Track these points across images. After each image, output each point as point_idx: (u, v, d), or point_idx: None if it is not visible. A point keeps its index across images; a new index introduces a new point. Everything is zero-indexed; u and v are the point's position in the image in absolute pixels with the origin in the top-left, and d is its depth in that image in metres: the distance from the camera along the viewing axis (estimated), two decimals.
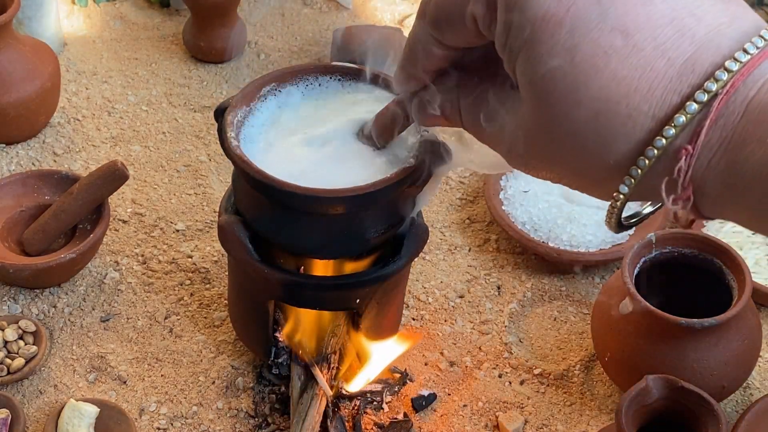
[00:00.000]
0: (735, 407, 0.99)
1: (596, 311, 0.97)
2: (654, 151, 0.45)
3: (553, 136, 0.47)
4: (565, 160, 0.48)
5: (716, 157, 0.44)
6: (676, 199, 0.45)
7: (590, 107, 0.45)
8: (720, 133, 0.44)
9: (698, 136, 0.44)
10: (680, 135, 0.44)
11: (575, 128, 0.46)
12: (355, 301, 0.88)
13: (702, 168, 0.44)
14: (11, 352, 0.98)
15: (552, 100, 0.46)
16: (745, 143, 0.43)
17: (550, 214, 1.15)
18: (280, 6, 1.57)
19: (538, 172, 0.51)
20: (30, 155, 1.25)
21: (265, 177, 0.76)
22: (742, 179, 0.43)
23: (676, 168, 0.44)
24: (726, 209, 0.46)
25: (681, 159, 0.44)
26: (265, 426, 0.95)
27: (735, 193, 0.44)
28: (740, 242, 1.13)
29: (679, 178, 0.45)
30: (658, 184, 0.46)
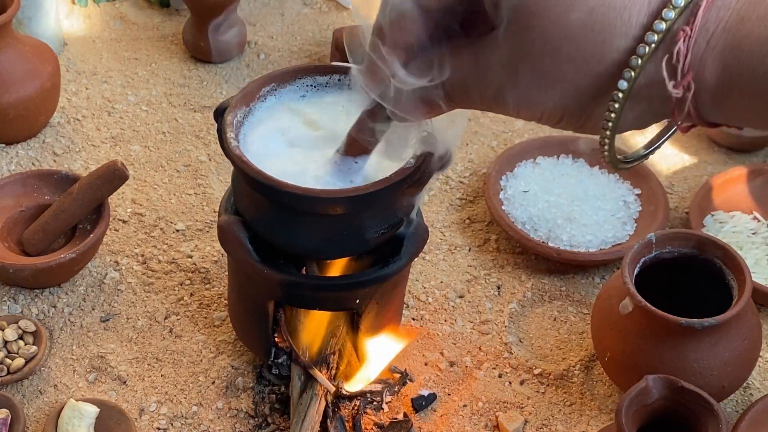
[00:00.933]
0: (735, 407, 0.99)
1: (596, 311, 0.97)
2: (654, 36, 0.44)
3: (547, 49, 0.46)
4: (561, 73, 0.47)
5: (714, 38, 0.43)
6: (677, 85, 0.44)
7: (584, 5, 0.44)
8: (717, 14, 0.43)
9: (695, 17, 0.43)
10: (678, 18, 0.44)
11: (571, 32, 0.45)
12: (355, 301, 0.88)
13: (701, 50, 0.44)
14: (11, 352, 0.98)
15: (543, 9, 0.45)
16: (743, 22, 0.43)
17: (550, 214, 1.15)
18: (280, 6, 1.57)
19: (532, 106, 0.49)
20: (30, 155, 1.25)
21: (264, 177, 0.76)
22: (741, 58, 0.43)
23: (674, 51, 0.44)
24: (726, 99, 0.45)
25: (679, 41, 0.44)
26: (265, 426, 0.95)
27: (734, 75, 0.43)
28: (740, 242, 1.13)
29: (679, 62, 0.44)
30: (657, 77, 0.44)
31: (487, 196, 1.17)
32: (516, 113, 0.51)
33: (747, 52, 0.42)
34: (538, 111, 0.49)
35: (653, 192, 1.18)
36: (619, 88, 0.46)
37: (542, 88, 0.48)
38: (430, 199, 1.23)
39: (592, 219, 1.15)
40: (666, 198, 1.18)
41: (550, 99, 0.48)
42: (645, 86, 0.46)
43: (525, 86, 0.48)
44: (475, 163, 1.29)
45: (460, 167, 1.28)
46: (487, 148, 1.32)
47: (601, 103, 0.47)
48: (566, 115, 0.49)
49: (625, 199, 1.18)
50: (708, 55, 0.44)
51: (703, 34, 0.44)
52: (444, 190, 1.25)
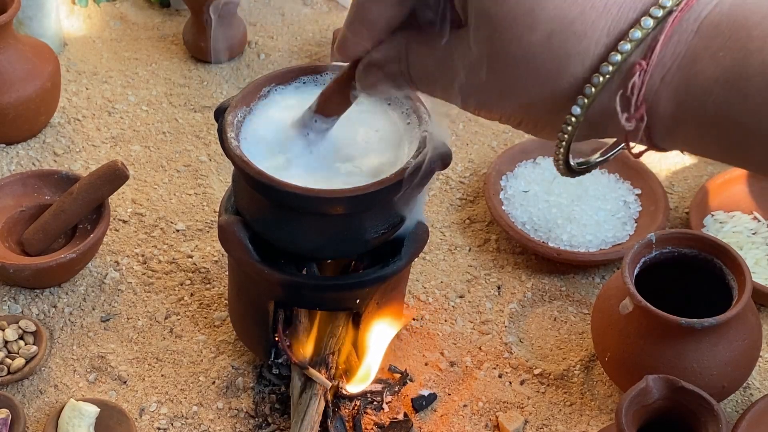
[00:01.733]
0: (735, 407, 0.99)
1: (596, 311, 0.97)
2: (609, 67, 0.45)
3: (507, 62, 0.47)
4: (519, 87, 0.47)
5: (669, 73, 0.44)
6: (630, 118, 0.45)
7: (544, 29, 0.45)
8: (674, 50, 0.44)
9: (653, 51, 0.44)
10: (634, 52, 0.44)
11: (529, 52, 0.46)
12: (355, 301, 0.88)
13: (655, 85, 0.44)
14: (11, 352, 0.98)
15: (505, 25, 0.46)
16: (696, 60, 0.43)
17: (550, 214, 1.15)
18: (280, 6, 1.57)
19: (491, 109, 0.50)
20: (30, 155, 1.25)
21: (265, 177, 0.76)
22: (693, 95, 0.44)
23: (630, 84, 0.44)
24: (677, 131, 0.45)
25: (635, 74, 0.44)
26: (265, 426, 0.95)
27: (686, 111, 0.44)
28: (740, 242, 1.13)
29: (633, 95, 0.45)
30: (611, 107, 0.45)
31: (487, 196, 1.17)
32: (476, 112, 0.52)
33: (699, 89, 0.43)
34: (496, 114, 0.51)
35: (653, 192, 1.19)
36: (572, 113, 0.47)
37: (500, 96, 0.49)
38: (430, 199, 1.23)
39: (592, 219, 1.15)
40: (666, 198, 1.18)
41: (508, 106, 0.49)
42: (599, 114, 0.47)
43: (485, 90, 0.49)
44: (475, 163, 1.29)
45: (460, 167, 1.28)
46: (487, 148, 1.32)
47: (555, 120, 0.48)
48: (524, 122, 0.50)
49: (625, 199, 1.19)
50: (663, 90, 0.45)
51: (659, 69, 0.44)
52: (444, 190, 1.25)
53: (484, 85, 0.49)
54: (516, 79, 0.47)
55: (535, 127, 0.50)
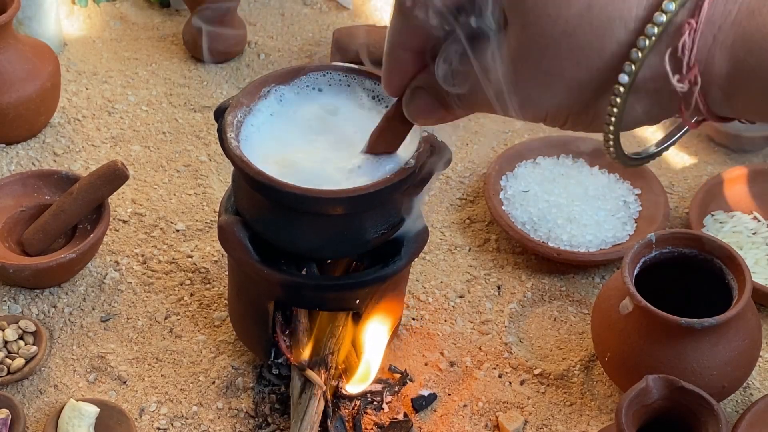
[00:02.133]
0: (735, 407, 0.99)
1: (596, 311, 0.97)
2: (654, 29, 0.43)
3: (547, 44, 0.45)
4: (561, 69, 0.46)
5: (722, 31, 0.42)
6: (682, 79, 0.43)
7: (581, 1, 0.44)
8: (724, 7, 0.42)
9: (701, 9, 0.42)
10: (680, 11, 0.43)
11: (569, 26, 0.44)
12: (355, 301, 0.88)
13: (708, 44, 0.43)
14: (11, 352, 0.98)
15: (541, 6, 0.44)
16: (752, 15, 0.42)
17: (550, 214, 1.15)
18: (280, 6, 1.57)
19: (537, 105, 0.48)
20: (30, 155, 1.25)
21: (264, 177, 0.76)
22: (752, 53, 0.42)
23: (680, 44, 0.43)
24: (737, 94, 0.44)
25: (684, 34, 0.43)
26: (265, 426, 0.95)
27: (745, 71, 0.42)
28: (740, 242, 1.13)
29: (684, 55, 0.43)
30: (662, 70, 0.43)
31: (487, 196, 1.17)
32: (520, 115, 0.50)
33: (759, 46, 0.42)
34: (542, 111, 0.49)
35: (653, 192, 1.18)
36: (620, 81, 0.45)
37: (543, 87, 0.47)
38: (430, 199, 1.23)
39: (592, 219, 1.15)
40: (666, 198, 1.18)
41: (552, 97, 0.47)
42: (650, 80, 0.45)
43: (526, 86, 0.48)
44: (475, 163, 1.29)
45: (460, 167, 1.28)
46: (487, 148, 1.32)
47: (604, 98, 0.46)
48: (571, 115, 0.48)
49: (625, 199, 1.19)
50: (716, 49, 0.43)
51: (710, 27, 0.43)
52: (444, 190, 1.25)
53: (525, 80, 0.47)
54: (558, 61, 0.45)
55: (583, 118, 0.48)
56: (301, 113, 0.84)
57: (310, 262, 0.87)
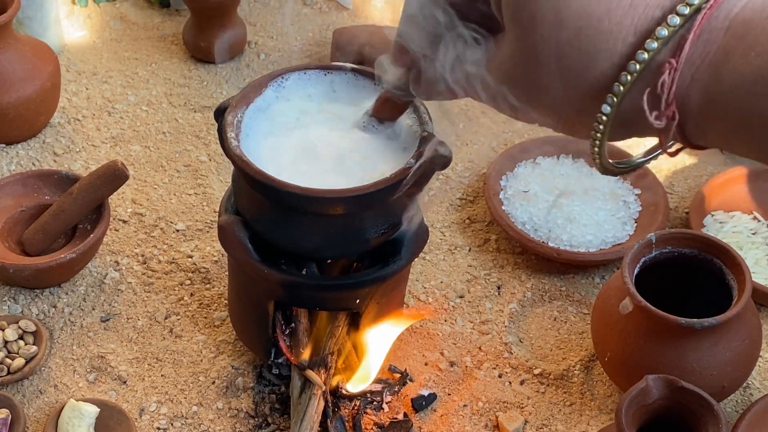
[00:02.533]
0: (735, 407, 0.99)
1: (596, 311, 0.97)
2: (636, 66, 0.45)
3: (537, 60, 0.47)
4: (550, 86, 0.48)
5: (699, 71, 0.44)
6: (660, 116, 0.45)
7: (572, 26, 0.45)
8: (703, 48, 0.44)
9: (682, 50, 0.44)
10: (662, 49, 0.44)
11: (558, 50, 0.46)
12: (355, 301, 0.88)
13: (686, 83, 0.45)
14: (11, 352, 0.98)
15: (535, 23, 0.46)
16: (728, 57, 0.43)
17: (550, 214, 1.15)
18: (280, 6, 1.57)
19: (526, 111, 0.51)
20: (30, 155, 1.25)
21: (265, 177, 0.76)
22: (725, 94, 0.44)
23: (659, 82, 0.45)
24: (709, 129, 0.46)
25: (665, 73, 0.44)
26: (265, 426, 0.95)
27: (718, 109, 0.44)
28: (740, 242, 1.13)
29: (663, 93, 0.45)
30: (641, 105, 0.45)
31: (487, 196, 1.17)
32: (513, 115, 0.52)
33: (731, 87, 0.43)
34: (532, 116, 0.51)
35: (653, 192, 1.18)
36: (602, 111, 0.47)
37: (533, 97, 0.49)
38: (430, 199, 1.23)
39: (592, 219, 1.15)
40: (666, 198, 1.18)
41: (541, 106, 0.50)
42: (631, 111, 0.47)
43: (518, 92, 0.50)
44: (475, 163, 1.29)
45: (460, 167, 1.28)
46: (487, 148, 1.32)
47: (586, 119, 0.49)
48: (559, 123, 0.51)
49: (625, 199, 1.19)
50: (693, 88, 0.45)
51: (688, 66, 0.44)
52: (444, 190, 1.25)
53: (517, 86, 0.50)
54: (546, 78, 0.47)
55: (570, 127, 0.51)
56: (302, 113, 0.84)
57: (310, 262, 0.87)
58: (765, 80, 0.42)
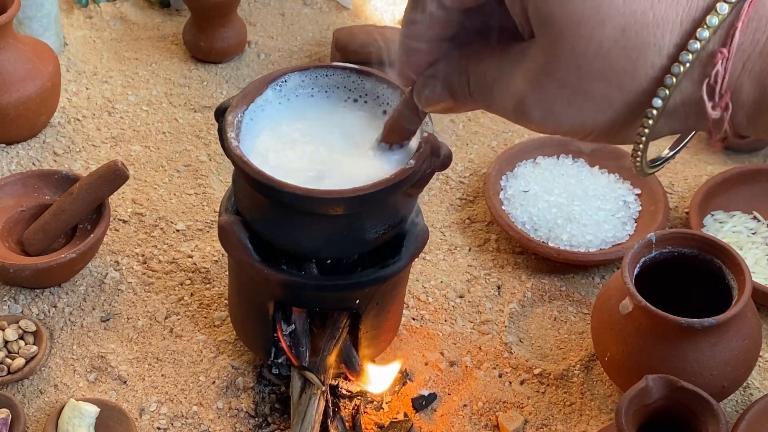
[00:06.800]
0: (735, 407, 0.99)
1: (596, 311, 0.97)
2: (689, 56, 0.44)
3: (578, 64, 0.46)
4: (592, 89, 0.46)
5: (751, 60, 0.44)
6: (715, 106, 0.45)
7: (616, 23, 0.44)
8: (753, 36, 0.44)
9: (732, 38, 0.43)
10: (712, 38, 0.44)
11: (602, 49, 0.45)
12: (355, 301, 0.88)
13: (737, 72, 0.44)
14: (11, 351, 0.98)
15: (574, 24, 0.45)
16: None
17: (550, 214, 1.15)
18: (280, 6, 1.57)
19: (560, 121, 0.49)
20: (30, 155, 1.25)
21: (265, 177, 0.76)
22: None
23: (713, 73, 0.44)
24: (760, 119, 0.45)
25: (717, 63, 0.44)
26: (266, 426, 0.95)
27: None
28: (740, 242, 1.13)
29: (717, 83, 0.44)
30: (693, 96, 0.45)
31: (487, 196, 1.17)
32: (539, 127, 0.50)
33: None
34: (565, 126, 0.49)
35: (653, 192, 1.19)
36: (653, 105, 0.46)
37: (570, 104, 0.47)
38: (430, 199, 1.23)
39: (592, 219, 1.15)
40: (666, 198, 1.18)
41: (578, 114, 0.48)
42: (681, 104, 0.46)
43: (550, 101, 0.48)
44: (475, 163, 1.29)
45: (460, 167, 1.28)
46: (487, 148, 1.32)
47: (632, 119, 0.47)
48: (596, 130, 0.49)
49: (625, 199, 1.19)
50: (745, 77, 0.44)
51: (740, 55, 0.44)
52: (444, 190, 1.25)
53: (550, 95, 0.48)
54: (588, 81, 0.46)
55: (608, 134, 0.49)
56: (302, 113, 0.84)
57: (310, 262, 0.87)
58: None
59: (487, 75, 0.51)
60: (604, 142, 0.50)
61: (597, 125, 0.48)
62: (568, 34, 0.45)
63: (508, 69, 0.50)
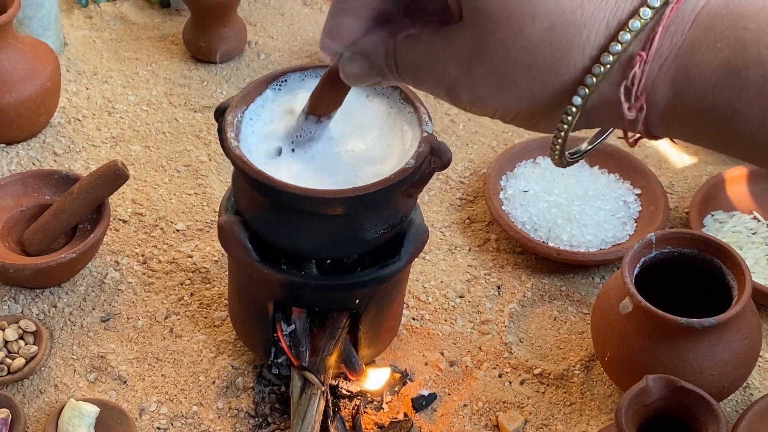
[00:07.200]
0: (735, 407, 0.99)
1: (596, 311, 0.97)
2: (609, 57, 0.45)
3: (506, 56, 0.47)
4: (518, 80, 0.48)
5: (666, 63, 0.45)
6: (631, 107, 0.46)
7: (546, 20, 0.45)
8: (671, 40, 0.45)
9: (652, 42, 0.45)
10: (633, 42, 0.45)
11: (530, 44, 0.46)
12: (355, 301, 0.88)
13: (653, 75, 0.45)
14: (11, 351, 0.98)
15: (505, 18, 0.46)
16: (694, 50, 0.44)
17: (550, 214, 1.15)
18: (280, 6, 1.57)
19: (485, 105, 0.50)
20: (30, 155, 1.25)
21: (264, 178, 0.76)
22: (691, 85, 0.44)
23: (630, 75, 0.45)
24: (673, 119, 0.46)
25: (635, 66, 0.45)
26: (265, 426, 0.95)
27: (683, 100, 0.45)
28: (740, 242, 1.13)
29: (634, 86, 0.45)
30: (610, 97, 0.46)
31: (487, 196, 1.17)
32: (467, 109, 0.52)
33: (696, 80, 0.44)
34: (490, 109, 0.51)
35: (653, 192, 1.19)
36: (573, 103, 0.47)
37: (497, 90, 0.49)
38: (430, 199, 1.23)
39: (592, 219, 1.15)
40: (666, 198, 1.18)
41: (503, 101, 0.49)
42: (598, 103, 0.47)
43: (479, 85, 0.49)
44: (475, 163, 1.29)
45: (460, 167, 1.28)
46: (487, 148, 1.32)
47: (553, 112, 0.49)
48: (518, 117, 0.51)
49: (625, 199, 1.19)
50: (660, 80, 0.45)
51: (657, 58, 0.45)
52: (444, 190, 1.25)
53: (479, 80, 0.49)
54: (515, 72, 0.47)
55: (530, 120, 0.51)
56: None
57: (310, 262, 0.87)
58: (730, 72, 0.43)
59: (416, 56, 0.52)
60: (525, 128, 0.52)
61: (520, 112, 0.50)
62: (499, 26, 0.46)
63: (439, 50, 0.51)
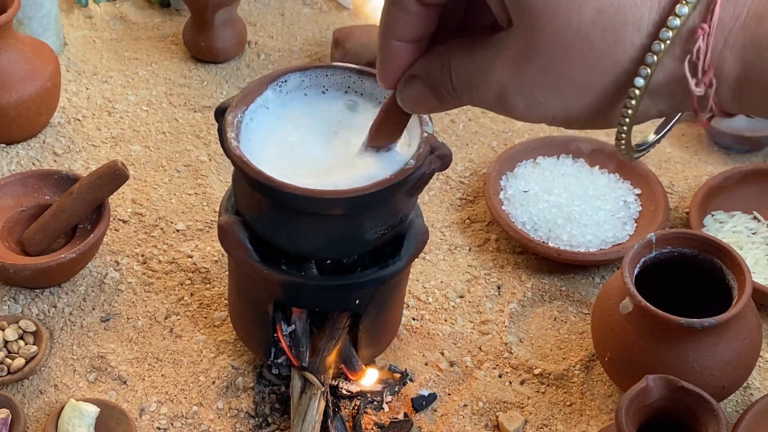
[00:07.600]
0: (735, 407, 0.99)
1: (596, 311, 0.97)
2: (669, 33, 0.44)
3: (558, 50, 0.45)
4: (573, 74, 0.46)
5: (732, 35, 0.43)
6: (699, 83, 0.44)
7: (593, 4, 0.44)
8: (734, 10, 0.43)
9: (712, 14, 0.43)
10: (692, 14, 0.43)
11: (581, 32, 0.44)
12: (355, 301, 0.88)
13: (719, 47, 0.44)
14: (11, 351, 0.98)
15: (551, 11, 0.45)
16: (761, 19, 0.43)
17: (550, 214, 1.15)
18: (280, 6, 1.57)
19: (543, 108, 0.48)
20: (30, 155, 1.25)
21: (264, 178, 0.76)
22: (761, 56, 0.43)
23: (694, 49, 0.44)
24: (744, 93, 0.45)
25: (698, 39, 0.43)
26: (265, 426, 0.95)
27: (755, 74, 0.44)
28: (740, 242, 1.13)
29: (699, 60, 0.44)
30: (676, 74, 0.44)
31: (487, 196, 1.17)
32: (524, 116, 0.50)
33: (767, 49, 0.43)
34: (548, 114, 0.49)
35: (653, 192, 1.18)
36: (635, 85, 0.45)
37: (552, 90, 0.47)
38: (430, 199, 1.23)
39: (592, 219, 1.15)
40: (666, 198, 1.18)
41: (561, 100, 0.47)
42: (664, 82, 0.46)
43: (532, 88, 0.47)
44: (475, 163, 1.29)
45: (460, 167, 1.28)
46: (487, 148, 1.32)
47: (615, 100, 0.47)
48: (580, 117, 0.49)
49: (625, 199, 1.19)
50: (727, 52, 0.44)
51: (721, 30, 0.43)
52: (444, 190, 1.25)
53: (531, 81, 0.47)
54: (568, 65, 0.46)
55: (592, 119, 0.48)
56: (302, 113, 0.84)
57: (310, 263, 0.87)
58: None
59: (468, 67, 0.51)
60: (588, 127, 0.50)
61: (581, 110, 0.48)
62: (546, 18, 0.45)
63: (488, 58, 0.49)
